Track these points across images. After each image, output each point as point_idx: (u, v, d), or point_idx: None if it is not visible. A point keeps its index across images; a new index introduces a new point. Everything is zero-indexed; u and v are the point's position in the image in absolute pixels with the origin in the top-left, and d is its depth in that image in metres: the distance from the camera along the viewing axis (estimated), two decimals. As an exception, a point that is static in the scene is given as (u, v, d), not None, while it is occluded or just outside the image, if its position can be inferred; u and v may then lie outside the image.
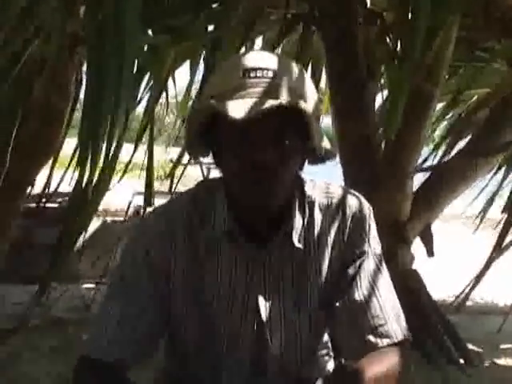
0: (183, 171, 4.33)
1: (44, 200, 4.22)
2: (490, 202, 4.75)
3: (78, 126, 2.61)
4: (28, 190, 3.72)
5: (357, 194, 1.48)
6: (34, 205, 4.19)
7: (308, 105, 1.26)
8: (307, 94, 1.29)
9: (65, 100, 3.44)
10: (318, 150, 1.31)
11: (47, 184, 4.03)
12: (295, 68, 1.34)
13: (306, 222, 1.41)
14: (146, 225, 1.47)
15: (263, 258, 1.39)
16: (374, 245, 1.44)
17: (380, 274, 1.42)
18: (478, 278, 4.06)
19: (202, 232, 1.39)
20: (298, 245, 1.38)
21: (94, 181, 2.96)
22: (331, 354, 1.58)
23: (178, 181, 4.30)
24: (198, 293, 1.40)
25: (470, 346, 3.78)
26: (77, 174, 2.87)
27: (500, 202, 4.63)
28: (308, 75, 1.37)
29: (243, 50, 3.53)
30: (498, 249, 4.06)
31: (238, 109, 1.21)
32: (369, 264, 1.41)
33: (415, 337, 1.44)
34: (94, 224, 4.22)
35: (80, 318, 3.80)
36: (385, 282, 1.42)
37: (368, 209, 1.45)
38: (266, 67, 1.27)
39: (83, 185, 2.95)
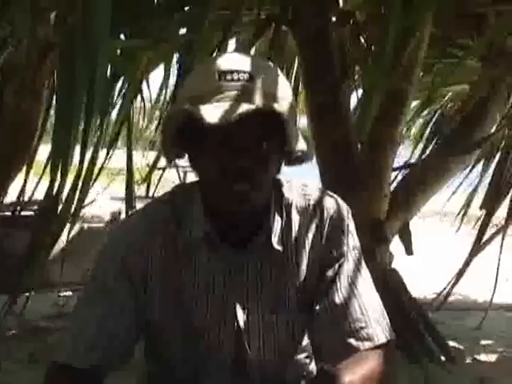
0: (161, 176, 4.31)
1: (19, 208, 4.18)
2: (471, 198, 4.78)
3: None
4: (3, 198, 3.69)
5: (334, 195, 1.47)
6: (8, 213, 4.15)
7: (284, 107, 1.25)
8: (283, 96, 1.27)
9: (37, 106, 3.40)
10: (294, 152, 1.30)
11: (21, 191, 3.98)
12: (271, 69, 1.33)
13: (284, 224, 1.39)
14: (123, 230, 1.46)
15: (242, 261, 1.37)
16: (352, 246, 1.43)
17: (360, 276, 1.40)
18: (459, 275, 4.08)
19: (179, 236, 1.37)
20: (277, 247, 1.37)
21: (70, 187, 2.93)
22: (312, 356, 1.57)
23: (157, 185, 4.29)
24: (177, 297, 1.38)
25: (451, 343, 3.79)
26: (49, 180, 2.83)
27: (479, 198, 4.67)
28: (283, 76, 1.36)
29: (217, 52, 3.50)
30: (478, 245, 4.08)
31: (214, 113, 1.19)
32: (348, 266, 1.40)
33: (396, 336, 1.43)
34: (71, 230, 4.16)
35: (58, 326, 3.75)
36: (365, 283, 1.41)
37: (346, 210, 1.44)
38: (241, 69, 1.25)
39: (54, 191, 2.91)
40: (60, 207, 3.11)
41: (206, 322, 1.38)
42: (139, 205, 3.69)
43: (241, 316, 1.38)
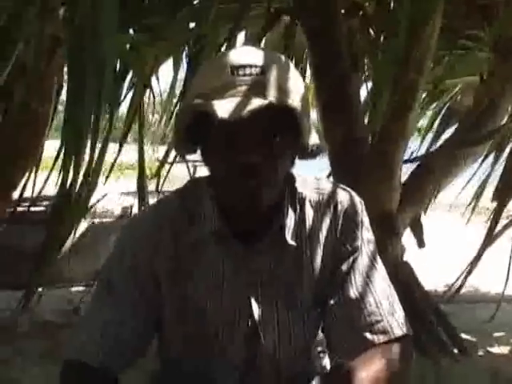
0: (169, 170, 4.31)
1: (29, 204, 4.18)
2: (481, 190, 4.74)
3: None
4: (13, 194, 3.69)
5: (348, 189, 1.46)
6: (19, 209, 4.15)
7: (297, 101, 1.24)
8: (296, 90, 1.26)
9: (46, 102, 3.40)
10: (308, 146, 1.29)
11: (24, 187, 3.97)
12: (283, 62, 1.31)
13: (297, 219, 1.39)
14: (134, 227, 1.46)
15: (254, 256, 1.36)
16: (367, 240, 1.42)
17: (374, 269, 1.40)
18: (471, 267, 4.06)
19: (190, 232, 1.37)
20: (291, 242, 1.36)
21: (80, 182, 2.93)
22: (326, 350, 1.56)
23: (165, 180, 4.28)
24: (187, 293, 1.37)
25: (463, 335, 3.78)
26: (61, 176, 2.83)
27: (489, 189, 4.63)
28: (295, 69, 1.34)
29: (225, 46, 3.49)
30: (489, 237, 4.05)
31: (226, 108, 1.18)
32: (363, 259, 1.39)
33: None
34: (82, 226, 4.16)
35: (69, 322, 3.76)
36: (380, 277, 1.40)
37: (360, 203, 1.43)
38: (253, 64, 1.24)
39: (67, 186, 2.91)
40: (72, 202, 3.11)
41: (219, 318, 1.37)
42: (150, 200, 3.69)
43: (256, 311, 1.37)
